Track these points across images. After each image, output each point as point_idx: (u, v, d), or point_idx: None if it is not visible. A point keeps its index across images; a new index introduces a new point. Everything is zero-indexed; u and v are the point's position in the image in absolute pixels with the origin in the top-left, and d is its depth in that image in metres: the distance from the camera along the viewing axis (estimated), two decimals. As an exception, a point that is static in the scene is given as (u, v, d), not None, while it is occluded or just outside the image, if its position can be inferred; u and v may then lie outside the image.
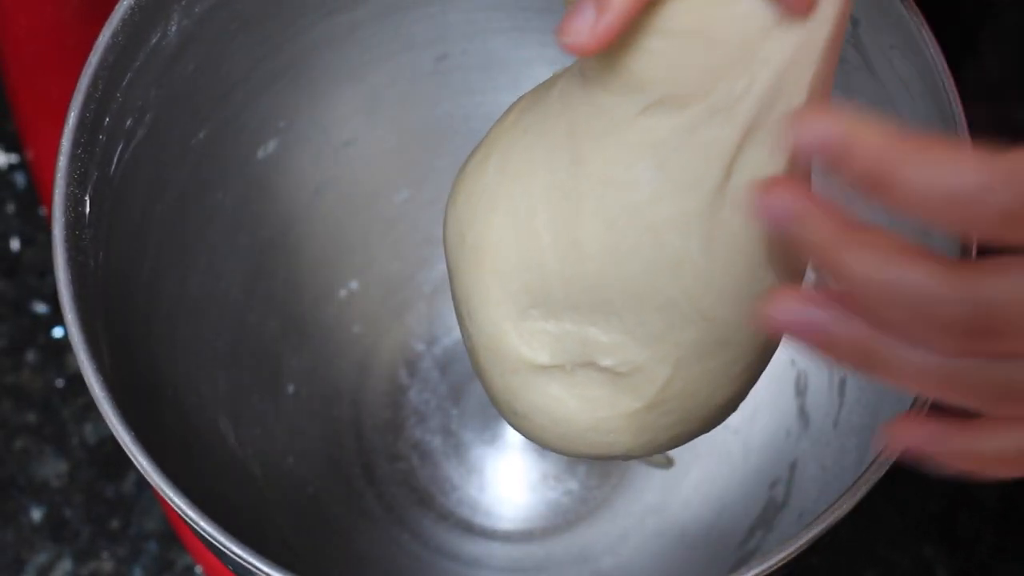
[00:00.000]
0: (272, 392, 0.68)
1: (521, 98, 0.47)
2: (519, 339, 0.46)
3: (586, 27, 0.41)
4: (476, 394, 0.70)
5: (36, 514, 0.72)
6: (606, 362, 0.46)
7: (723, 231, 0.44)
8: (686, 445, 0.68)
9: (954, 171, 0.36)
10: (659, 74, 0.43)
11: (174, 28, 0.56)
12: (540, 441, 0.48)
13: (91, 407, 0.73)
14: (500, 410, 0.49)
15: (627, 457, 0.48)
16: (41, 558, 0.71)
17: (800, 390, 0.66)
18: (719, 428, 0.68)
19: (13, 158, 0.77)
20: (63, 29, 0.73)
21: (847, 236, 0.38)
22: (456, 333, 0.70)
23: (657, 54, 0.43)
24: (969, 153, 0.37)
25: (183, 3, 0.56)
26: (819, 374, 0.65)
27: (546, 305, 0.46)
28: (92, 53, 0.53)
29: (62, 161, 0.52)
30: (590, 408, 0.47)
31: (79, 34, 0.73)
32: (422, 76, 0.68)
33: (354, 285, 0.71)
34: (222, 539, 0.48)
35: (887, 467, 0.49)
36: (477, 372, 0.49)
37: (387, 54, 0.66)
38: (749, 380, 0.47)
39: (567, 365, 0.46)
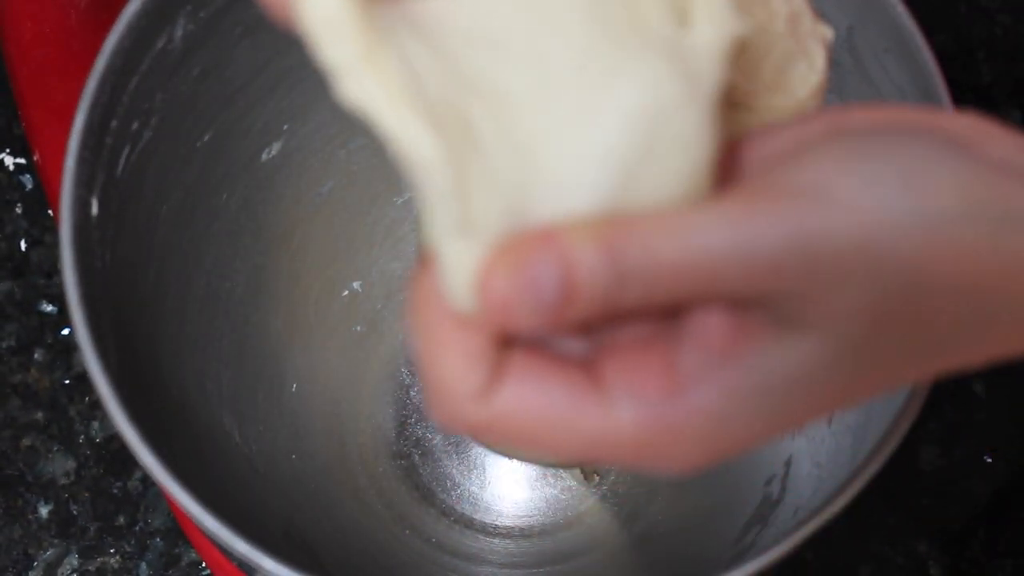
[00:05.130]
0: (276, 390, 0.68)
1: None
2: None
3: None
4: (477, 392, 0.70)
5: (44, 511, 0.72)
6: None
7: None
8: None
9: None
10: None
11: (180, 33, 0.56)
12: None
13: (98, 405, 0.73)
14: None
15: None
16: (49, 554, 0.71)
17: (796, 389, 0.66)
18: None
19: (21, 160, 0.77)
20: (69, 35, 0.73)
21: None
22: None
23: None
24: None
25: (188, 8, 0.56)
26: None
27: None
28: (99, 58, 0.53)
29: (69, 163, 0.52)
30: None
31: (85, 40, 0.73)
32: (424, 80, 0.68)
33: (356, 285, 0.71)
34: (226, 536, 0.48)
35: (881, 464, 0.49)
36: None
37: (389, 58, 0.66)
38: None
39: None
